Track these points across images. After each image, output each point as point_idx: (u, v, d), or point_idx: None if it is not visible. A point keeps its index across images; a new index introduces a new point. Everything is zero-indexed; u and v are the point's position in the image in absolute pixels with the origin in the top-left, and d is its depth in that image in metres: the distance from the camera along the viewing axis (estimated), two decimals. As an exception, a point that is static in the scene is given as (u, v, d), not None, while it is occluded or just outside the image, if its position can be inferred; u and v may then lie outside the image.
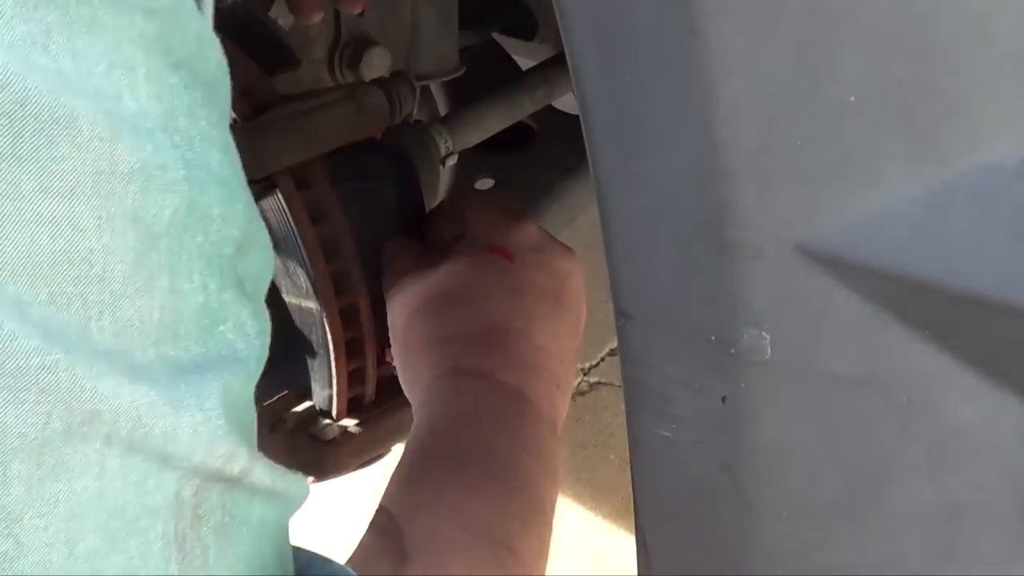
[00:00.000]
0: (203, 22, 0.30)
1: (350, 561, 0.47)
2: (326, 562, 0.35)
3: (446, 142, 0.77)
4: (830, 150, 0.32)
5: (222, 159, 0.30)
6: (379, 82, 0.69)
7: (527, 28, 0.96)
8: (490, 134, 0.84)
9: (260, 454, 0.31)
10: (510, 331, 0.60)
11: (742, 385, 0.36)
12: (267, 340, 0.31)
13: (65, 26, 0.26)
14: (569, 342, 0.63)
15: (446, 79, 0.86)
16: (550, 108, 0.95)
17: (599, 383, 1.68)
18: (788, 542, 0.38)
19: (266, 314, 0.32)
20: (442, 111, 0.97)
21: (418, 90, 0.73)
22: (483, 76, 0.89)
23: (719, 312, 0.35)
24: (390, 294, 0.64)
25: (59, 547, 0.26)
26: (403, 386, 0.63)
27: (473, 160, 0.96)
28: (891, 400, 0.34)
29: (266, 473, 0.31)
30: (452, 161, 0.79)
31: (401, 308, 0.63)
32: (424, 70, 0.81)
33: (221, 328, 0.30)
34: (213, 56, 0.30)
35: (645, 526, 0.43)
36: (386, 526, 0.51)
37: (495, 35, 0.97)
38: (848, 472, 0.36)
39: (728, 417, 0.36)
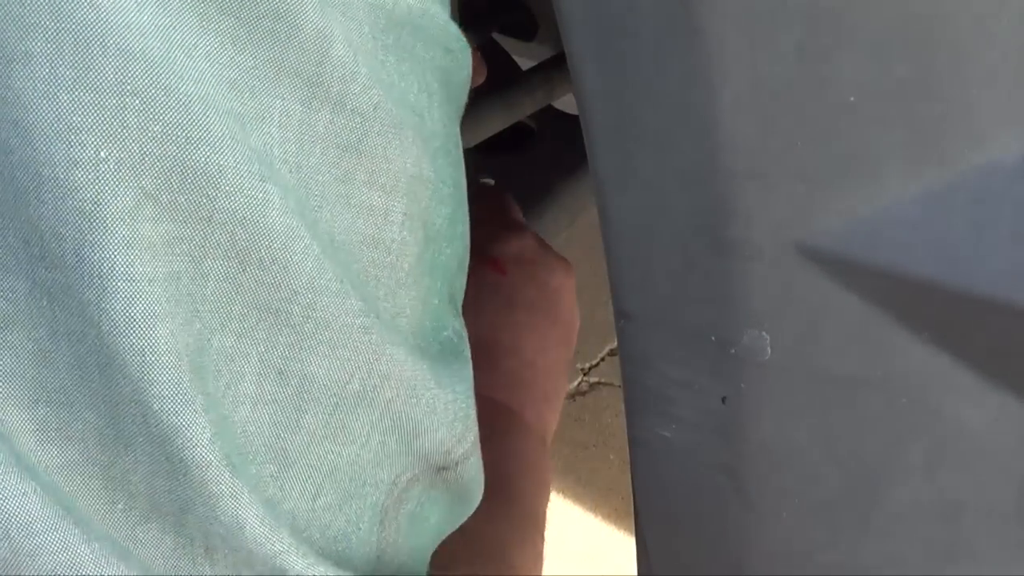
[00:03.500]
0: (470, 61, 0.34)
1: None
2: None
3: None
4: (830, 150, 0.32)
5: (463, 186, 0.34)
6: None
7: (527, 28, 0.96)
8: (490, 134, 0.84)
9: (479, 445, 0.35)
10: (500, 346, 0.61)
11: (742, 385, 0.36)
12: (470, 354, 0.35)
13: (396, 50, 0.30)
14: (559, 354, 0.63)
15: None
16: (550, 108, 0.95)
17: (599, 383, 1.68)
18: (788, 542, 0.38)
19: (465, 331, 0.36)
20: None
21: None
22: (483, 76, 0.89)
23: (719, 312, 0.35)
24: None
25: (308, 497, 0.30)
26: None
27: (473, 160, 0.96)
28: (891, 400, 0.34)
29: (475, 466, 0.34)
30: (452, 161, 0.79)
31: None
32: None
33: (445, 333, 0.33)
34: (468, 91, 0.35)
35: (645, 526, 0.43)
36: None
37: (495, 35, 0.97)
38: (848, 472, 0.36)
39: (728, 417, 0.36)
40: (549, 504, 0.59)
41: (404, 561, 0.33)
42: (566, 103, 0.96)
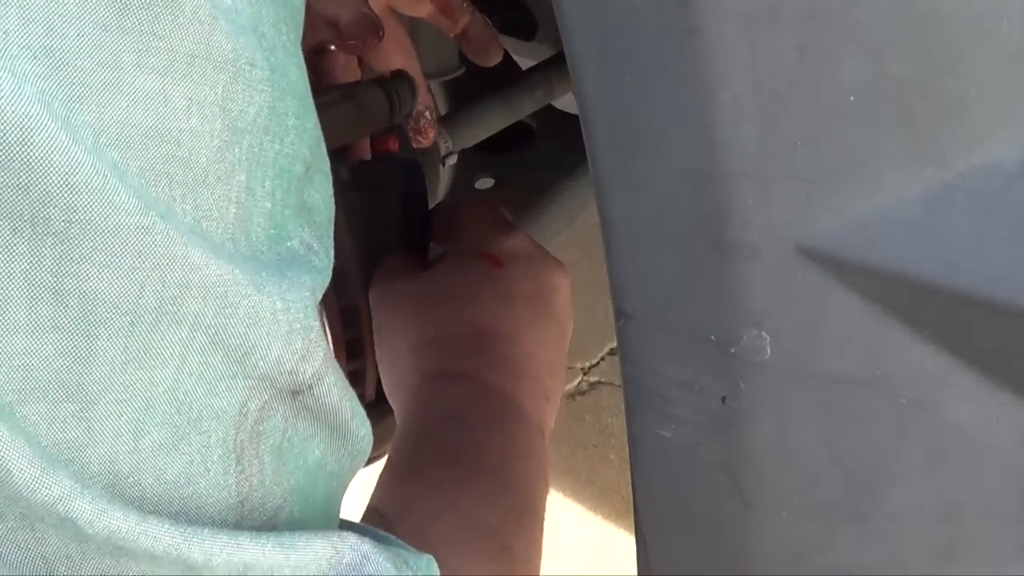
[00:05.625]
0: None
1: None
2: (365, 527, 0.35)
3: (446, 142, 0.77)
4: (830, 150, 0.32)
5: (299, 75, 0.30)
6: (378, 81, 0.69)
7: (527, 28, 0.96)
8: (490, 134, 0.84)
9: (335, 363, 0.31)
10: (499, 335, 0.59)
11: (742, 385, 0.36)
12: (330, 271, 0.31)
13: None
14: (556, 352, 0.62)
15: (446, 79, 0.86)
16: (550, 108, 0.95)
17: (599, 383, 1.68)
18: (788, 542, 0.38)
19: (331, 248, 0.32)
20: (442, 111, 0.97)
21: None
22: (483, 76, 0.89)
23: (719, 312, 0.35)
24: (376, 296, 0.64)
25: (126, 438, 0.26)
26: (386, 388, 0.62)
27: (473, 160, 0.96)
28: (891, 400, 0.34)
29: (336, 386, 0.30)
30: (452, 161, 0.79)
31: (387, 309, 0.63)
32: (424, 70, 0.81)
33: (288, 244, 0.29)
34: None
35: (645, 526, 0.43)
36: (378, 525, 0.50)
37: (495, 35, 0.97)
38: (848, 472, 0.36)
39: (728, 417, 0.36)
40: (548, 500, 0.58)
41: (280, 504, 0.29)
42: (566, 103, 0.96)
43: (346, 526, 0.33)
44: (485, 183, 0.99)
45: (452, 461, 0.54)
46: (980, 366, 0.33)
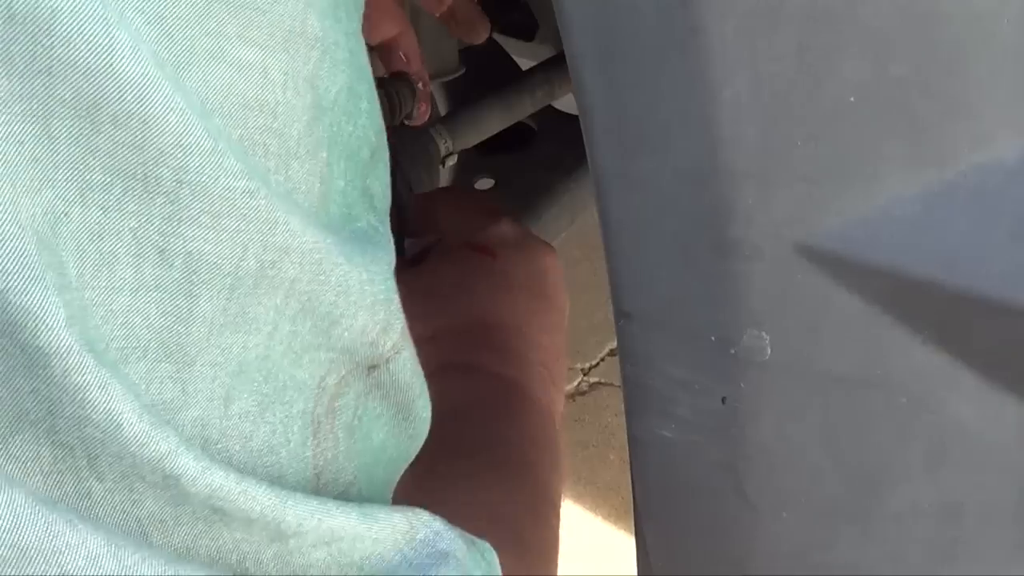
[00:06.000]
0: None
1: None
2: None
3: (446, 142, 0.77)
4: (830, 150, 0.32)
5: (366, 63, 0.30)
6: (378, 82, 0.69)
7: (527, 28, 0.96)
8: (490, 134, 0.84)
9: (410, 339, 0.31)
10: (502, 325, 0.59)
11: (742, 385, 0.36)
12: (394, 258, 0.32)
13: None
14: (558, 337, 0.62)
15: (446, 79, 0.87)
16: (550, 108, 0.95)
17: (599, 383, 1.68)
18: (788, 542, 0.38)
19: (391, 237, 0.32)
20: (442, 111, 0.97)
21: (418, 90, 0.73)
22: (483, 76, 0.89)
23: (719, 312, 0.35)
24: None
25: (218, 403, 0.26)
26: None
27: (473, 160, 0.96)
28: (891, 400, 0.34)
29: (410, 362, 0.31)
30: (452, 161, 0.79)
31: None
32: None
33: (358, 224, 0.30)
34: None
35: (645, 526, 0.43)
36: None
37: (495, 35, 0.97)
38: (848, 472, 0.36)
39: (728, 417, 0.36)
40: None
41: (351, 481, 0.30)
42: (566, 103, 0.96)
43: None
44: (485, 183, 0.99)
45: (465, 455, 0.53)
46: (980, 366, 0.33)
